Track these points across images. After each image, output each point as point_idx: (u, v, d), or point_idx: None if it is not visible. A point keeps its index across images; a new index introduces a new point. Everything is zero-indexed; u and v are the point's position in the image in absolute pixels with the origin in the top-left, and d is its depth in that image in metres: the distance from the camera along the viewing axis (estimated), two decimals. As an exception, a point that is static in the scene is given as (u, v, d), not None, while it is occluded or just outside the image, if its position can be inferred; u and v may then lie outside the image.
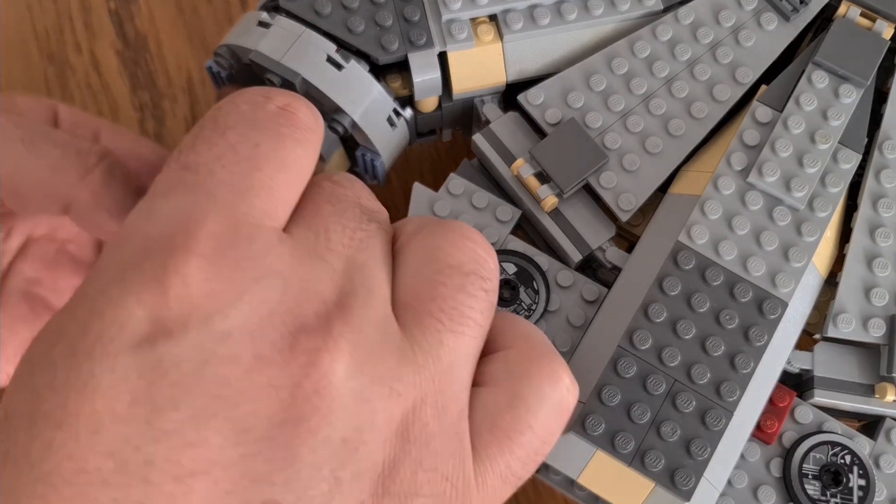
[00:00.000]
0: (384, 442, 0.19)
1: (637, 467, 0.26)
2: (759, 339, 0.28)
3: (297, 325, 0.19)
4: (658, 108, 0.32)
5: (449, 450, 0.20)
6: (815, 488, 0.28)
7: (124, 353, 0.17)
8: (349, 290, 0.20)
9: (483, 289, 0.22)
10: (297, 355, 0.18)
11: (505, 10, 0.32)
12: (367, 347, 0.20)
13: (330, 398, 0.18)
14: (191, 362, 0.18)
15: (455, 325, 0.21)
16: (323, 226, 0.21)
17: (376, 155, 0.31)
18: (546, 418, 0.22)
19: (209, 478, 0.17)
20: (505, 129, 0.32)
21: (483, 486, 0.21)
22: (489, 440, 0.21)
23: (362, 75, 0.31)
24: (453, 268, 0.22)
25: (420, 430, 0.20)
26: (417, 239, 0.22)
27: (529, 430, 0.22)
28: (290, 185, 0.21)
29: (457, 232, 0.22)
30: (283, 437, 0.18)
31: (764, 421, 0.29)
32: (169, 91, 0.42)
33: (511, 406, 0.22)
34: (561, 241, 0.31)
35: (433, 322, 0.21)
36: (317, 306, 0.19)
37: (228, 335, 0.18)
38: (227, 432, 0.17)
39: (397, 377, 0.20)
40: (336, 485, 0.18)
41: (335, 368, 0.19)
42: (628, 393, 0.27)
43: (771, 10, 0.33)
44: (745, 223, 0.29)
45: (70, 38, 0.43)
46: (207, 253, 0.19)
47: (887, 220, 0.30)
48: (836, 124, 0.30)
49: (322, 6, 0.31)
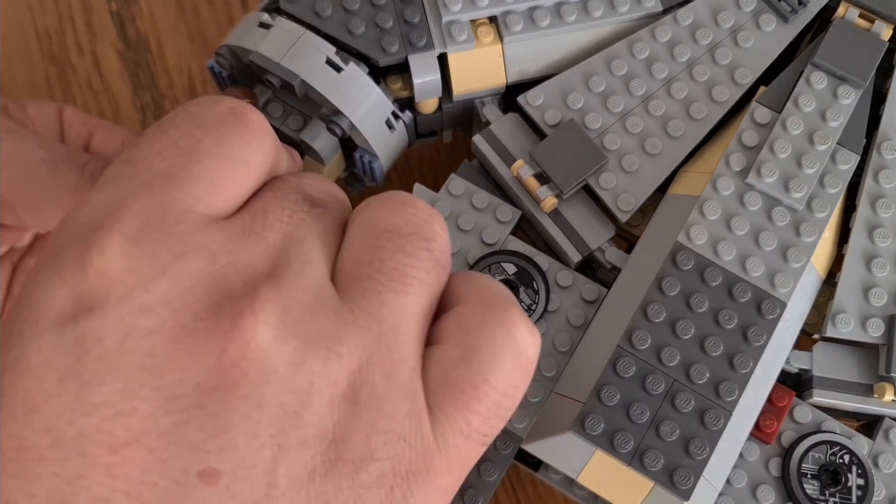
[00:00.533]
0: (331, 406, 0.19)
1: (636, 467, 0.26)
2: (758, 339, 0.28)
3: (223, 294, 0.19)
4: (657, 109, 0.32)
5: (403, 410, 0.20)
6: (814, 488, 0.28)
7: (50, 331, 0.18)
8: (283, 261, 0.20)
9: (426, 248, 0.21)
10: (220, 321, 0.18)
11: (505, 11, 0.32)
12: (298, 311, 0.19)
13: (259, 362, 0.18)
14: (113, 336, 0.18)
15: (395, 284, 0.20)
16: (261, 207, 0.21)
17: (374, 157, 0.32)
18: (503, 369, 0.21)
19: (143, 447, 0.17)
20: (505, 131, 0.33)
21: (444, 445, 0.20)
22: (444, 397, 0.21)
23: (361, 78, 0.31)
24: (391, 231, 0.21)
25: (369, 392, 0.19)
26: (361, 213, 0.22)
27: (485, 384, 0.21)
28: (233, 180, 0.21)
29: (394, 199, 0.22)
30: (214, 405, 0.18)
31: (763, 420, 0.29)
32: (170, 92, 0.42)
33: (464, 360, 0.21)
34: (560, 242, 0.31)
35: (372, 283, 0.20)
36: (245, 276, 0.19)
37: (149, 308, 0.18)
38: (157, 401, 0.17)
39: (336, 339, 0.19)
40: (280, 451, 0.18)
41: (261, 332, 0.18)
42: (627, 392, 0.27)
43: (770, 12, 0.33)
44: (743, 224, 0.29)
45: (71, 39, 0.43)
46: (130, 232, 0.19)
47: (886, 220, 0.30)
48: (835, 125, 0.30)
49: (322, 8, 0.31)
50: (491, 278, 0.23)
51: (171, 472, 0.17)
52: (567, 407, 0.28)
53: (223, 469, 0.18)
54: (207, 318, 0.18)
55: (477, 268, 0.31)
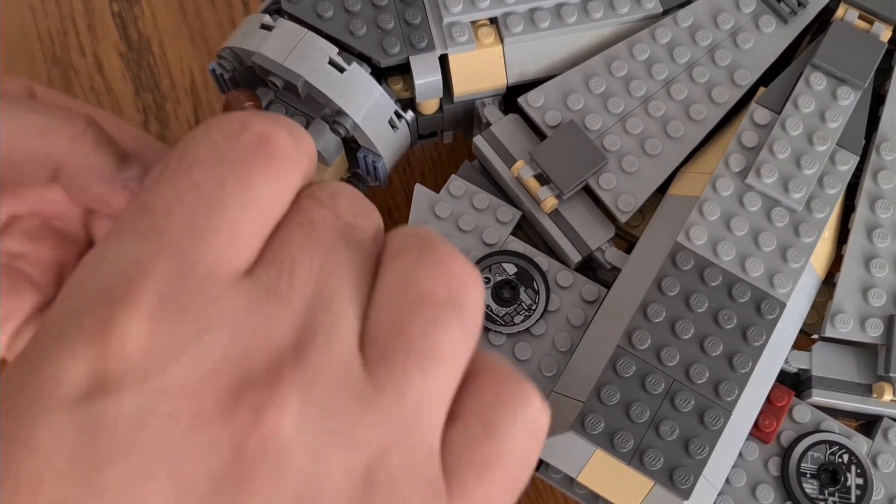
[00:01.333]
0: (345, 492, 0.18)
1: (636, 466, 0.26)
2: (758, 338, 0.28)
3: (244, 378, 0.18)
4: (657, 110, 0.32)
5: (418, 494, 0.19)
6: (813, 487, 0.29)
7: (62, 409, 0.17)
8: (309, 332, 0.19)
9: (459, 319, 0.20)
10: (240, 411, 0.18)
11: (505, 13, 0.33)
12: (322, 397, 0.19)
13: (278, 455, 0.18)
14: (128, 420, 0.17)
15: (424, 362, 0.20)
16: (289, 259, 0.20)
17: (378, 157, 0.32)
18: (522, 442, 0.21)
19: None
20: (505, 131, 0.33)
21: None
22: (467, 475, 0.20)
23: (364, 78, 0.31)
24: (425, 298, 0.20)
25: (386, 476, 0.19)
26: (394, 264, 0.21)
27: (507, 457, 0.21)
28: (257, 223, 0.20)
29: (434, 257, 0.21)
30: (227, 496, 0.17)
31: (762, 420, 0.29)
32: (172, 93, 0.42)
33: (487, 436, 0.20)
34: (561, 242, 0.31)
35: (400, 359, 0.19)
36: (269, 354, 0.19)
37: (167, 393, 0.18)
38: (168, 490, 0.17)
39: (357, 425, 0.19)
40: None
41: (282, 423, 0.18)
42: (627, 392, 0.27)
43: (769, 13, 0.33)
44: (743, 224, 0.29)
45: (73, 41, 0.43)
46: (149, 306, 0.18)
47: (885, 220, 0.30)
48: (834, 126, 0.30)
49: (324, 9, 0.31)
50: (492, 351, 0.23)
51: None
52: (567, 406, 0.28)
53: None
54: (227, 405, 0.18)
55: (478, 268, 0.31)
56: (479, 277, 0.21)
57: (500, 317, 0.30)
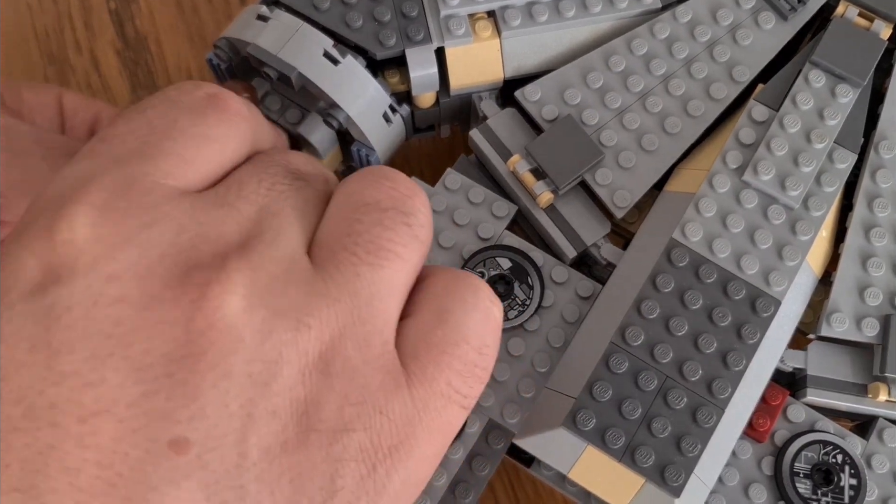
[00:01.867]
0: (301, 377, 0.19)
1: (627, 463, 0.26)
2: (752, 336, 0.28)
3: (191, 263, 0.19)
4: (655, 106, 0.32)
5: (377, 382, 0.20)
6: (807, 487, 0.28)
7: (20, 301, 0.18)
8: (256, 233, 0.20)
9: (405, 223, 0.21)
10: (188, 290, 0.18)
11: (503, 6, 0.32)
12: (268, 282, 0.19)
13: (226, 332, 0.18)
14: (81, 305, 0.18)
15: (372, 257, 0.20)
16: (237, 179, 0.21)
17: (371, 150, 0.32)
18: (476, 326, 0.22)
19: (113, 416, 0.17)
20: (502, 125, 0.33)
21: (425, 411, 0.20)
22: (426, 360, 0.21)
23: (358, 71, 0.31)
24: (370, 205, 0.21)
25: (342, 364, 0.19)
26: (339, 186, 0.22)
27: (464, 342, 0.21)
28: (207, 156, 0.21)
29: (375, 173, 0.22)
30: (182, 374, 0.18)
31: (756, 419, 0.29)
32: (169, 90, 0.42)
33: (440, 321, 0.21)
34: (556, 237, 0.31)
35: (348, 256, 0.20)
36: (215, 247, 0.19)
37: (116, 277, 0.18)
38: (125, 371, 0.17)
39: (306, 310, 0.19)
40: (250, 421, 0.18)
41: (228, 301, 0.18)
42: (620, 389, 0.27)
43: (769, 10, 0.33)
44: (739, 221, 0.29)
45: (70, 38, 0.43)
46: (97, 203, 0.19)
47: (882, 219, 0.30)
48: (833, 124, 0.30)
49: (320, 1, 0.31)
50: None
51: (141, 442, 0.17)
52: (559, 402, 0.28)
53: (193, 438, 0.18)
54: (175, 286, 0.18)
55: (472, 262, 0.31)
56: (423, 192, 0.22)
57: (493, 312, 0.30)
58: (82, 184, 0.19)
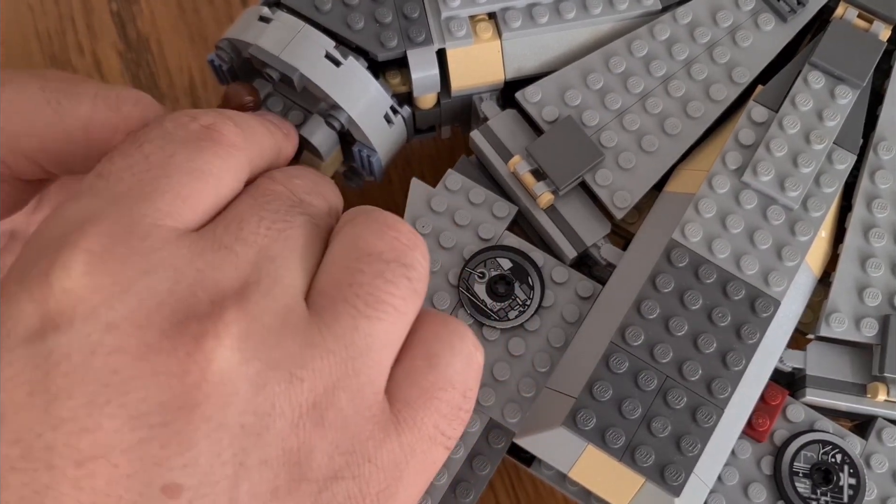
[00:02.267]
0: (294, 428, 0.19)
1: (627, 462, 0.26)
2: (751, 336, 0.28)
3: (188, 312, 0.19)
4: (654, 107, 0.32)
5: (367, 431, 0.20)
6: (806, 486, 0.29)
7: (20, 346, 0.18)
8: (253, 280, 0.20)
9: (406, 276, 0.22)
10: (184, 342, 0.19)
11: (504, 7, 0.32)
12: (263, 333, 0.19)
13: (220, 385, 0.19)
14: (80, 353, 0.18)
15: (371, 310, 0.21)
16: (236, 218, 0.21)
17: (373, 152, 0.32)
18: (462, 371, 0.22)
19: (108, 462, 0.18)
20: (502, 126, 0.33)
21: (412, 454, 0.21)
22: (416, 405, 0.21)
23: (360, 72, 0.31)
24: (373, 255, 0.22)
25: (334, 414, 0.20)
26: (344, 229, 0.22)
27: (451, 386, 0.22)
28: (202, 192, 0.21)
29: (380, 221, 0.22)
30: (177, 423, 0.18)
31: (756, 419, 0.29)
32: (171, 92, 0.42)
33: (430, 367, 0.22)
34: (556, 238, 0.31)
35: (347, 307, 0.21)
36: (213, 294, 0.20)
37: (115, 326, 0.18)
38: (122, 418, 0.18)
39: (299, 363, 0.20)
40: (242, 469, 0.19)
41: (223, 354, 0.19)
42: (620, 388, 0.27)
43: (768, 11, 0.33)
44: (738, 222, 0.29)
45: (72, 40, 0.43)
46: (95, 249, 0.19)
47: (881, 220, 0.30)
48: (832, 125, 0.30)
49: (322, 2, 0.31)
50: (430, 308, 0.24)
51: (135, 486, 0.18)
52: (559, 402, 0.28)
53: (186, 484, 0.18)
54: (172, 336, 0.19)
55: (473, 262, 0.31)
56: (424, 243, 0.23)
57: (494, 312, 0.30)
58: (80, 226, 0.20)
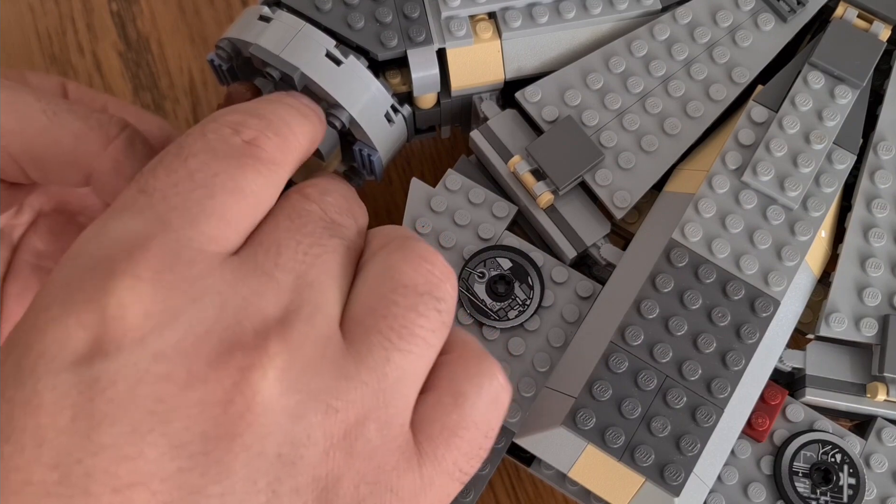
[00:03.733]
0: (325, 456, 0.20)
1: (627, 462, 0.26)
2: (751, 336, 0.28)
3: (234, 342, 0.20)
4: (654, 107, 0.32)
5: (392, 462, 0.21)
6: (806, 486, 0.29)
7: (65, 370, 0.18)
8: (294, 307, 0.21)
9: (436, 309, 0.22)
10: (230, 372, 0.19)
11: (504, 7, 0.32)
12: (304, 365, 0.20)
13: (262, 415, 0.19)
14: (127, 381, 0.18)
15: (404, 343, 0.21)
16: (275, 243, 0.22)
17: (373, 150, 0.32)
18: (486, 412, 0.23)
19: (147, 489, 0.18)
20: (502, 126, 0.33)
21: (431, 486, 0.22)
22: (438, 441, 0.22)
23: (361, 71, 0.31)
24: (408, 287, 0.22)
25: (363, 444, 0.21)
26: (379, 256, 0.23)
27: (474, 426, 0.22)
28: (244, 212, 0.22)
29: (416, 252, 0.23)
30: (217, 452, 0.19)
31: (755, 418, 0.29)
32: (171, 92, 0.42)
33: (456, 405, 0.22)
34: (556, 238, 0.31)
35: (381, 340, 0.21)
36: (257, 323, 0.20)
37: (162, 354, 0.19)
38: (163, 446, 0.18)
39: (335, 394, 0.20)
40: (274, 497, 0.19)
41: (266, 386, 0.19)
42: (620, 388, 0.27)
43: (768, 11, 0.33)
44: (738, 222, 0.29)
45: (72, 40, 0.43)
46: (146, 276, 0.19)
47: (881, 220, 0.30)
48: (831, 125, 0.30)
49: (322, 2, 0.31)
50: (463, 330, 0.25)
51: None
52: (559, 402, 0.28)
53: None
54: (218, 366, 0.19)
55: (473, 262, 0.31)
56: (455, 276, 0.23)
57: (494, 311, 0.30)
58: (128, 249, 0.20)
